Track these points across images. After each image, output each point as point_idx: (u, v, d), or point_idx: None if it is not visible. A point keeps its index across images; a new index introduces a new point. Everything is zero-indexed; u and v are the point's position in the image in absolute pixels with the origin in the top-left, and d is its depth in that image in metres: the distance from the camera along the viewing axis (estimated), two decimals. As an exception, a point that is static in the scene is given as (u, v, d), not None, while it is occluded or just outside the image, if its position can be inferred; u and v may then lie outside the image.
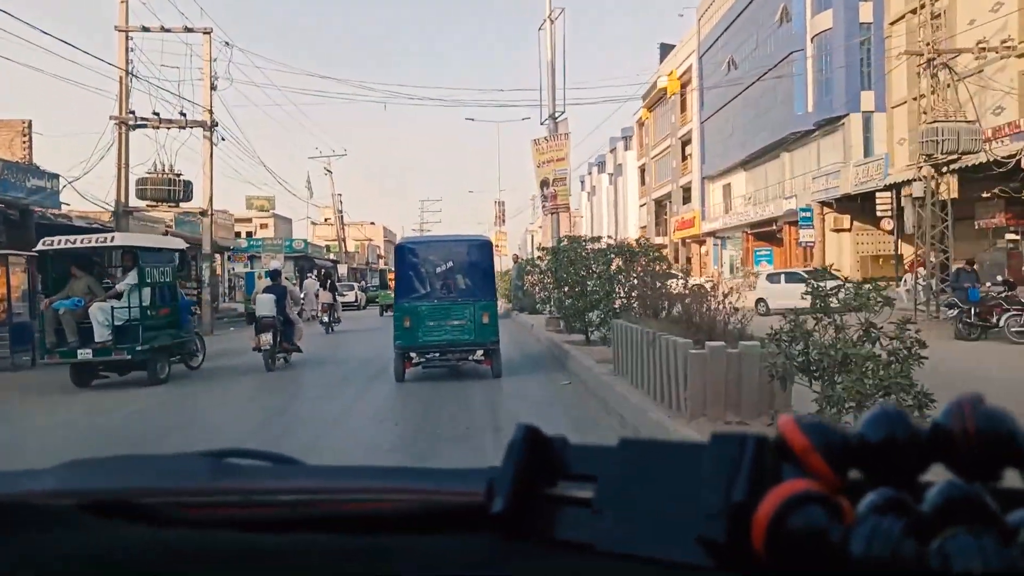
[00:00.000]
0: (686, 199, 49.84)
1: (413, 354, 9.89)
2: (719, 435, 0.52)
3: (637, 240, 14.17)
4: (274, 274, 12.97)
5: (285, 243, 43.42)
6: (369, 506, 0.63)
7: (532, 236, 72.47)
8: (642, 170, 61.26)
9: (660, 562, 0.49)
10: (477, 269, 10.05)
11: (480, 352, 9.98)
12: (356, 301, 36.50)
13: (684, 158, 50.43)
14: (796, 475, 0.48)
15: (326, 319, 20.90)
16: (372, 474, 0.66)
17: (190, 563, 0.65)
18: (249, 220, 56.16)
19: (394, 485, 0.64)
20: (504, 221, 44.75)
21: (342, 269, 44.83)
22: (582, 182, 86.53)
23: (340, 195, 47.54)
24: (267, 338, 11.55)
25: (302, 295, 27.44)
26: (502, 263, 44.37)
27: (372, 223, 79.74)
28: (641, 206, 60.93)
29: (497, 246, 45.52)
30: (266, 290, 12.51)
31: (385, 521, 0.61)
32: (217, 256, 33.89)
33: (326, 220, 72.77)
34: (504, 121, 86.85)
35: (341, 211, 47.14)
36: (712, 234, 45.00)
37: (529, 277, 20.33)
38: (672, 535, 0.49)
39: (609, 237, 16.19)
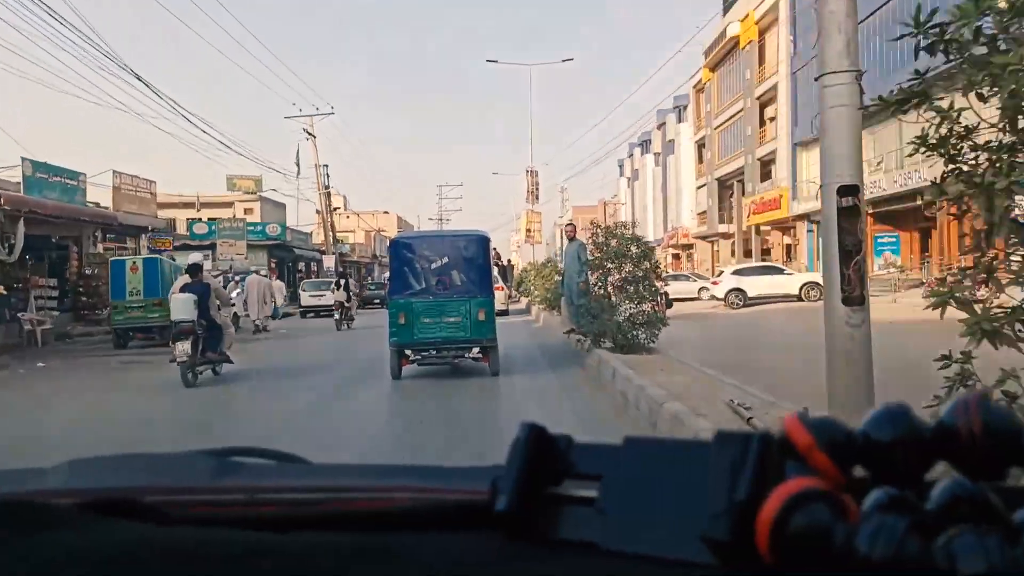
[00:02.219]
0: (766, 175, 38.60)
1: (409, 351, 9.64)
2: (723, 433, 0.52)
3: None
4: (194, 269, 10.19)
5: (249, 227, 32.88)
6: (373, 504, 0.63)
7: (560, 232, 61.07)
8: (700, 146, 49.99)
9: (665, 561, 0.49)
10: (473, 265, 9.79)
11: (476, 349, 9.66)
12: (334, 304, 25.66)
13: (763, 123, 39.09)
14: (800, 473, 0.48)
15: (337, 316, 20.77)
16: (376, 472, 0.66)
17: (194, 562, 0.64)
18: (230, 204, 45.51)
19: (398, 484, 0.64)
20: (538, 198, 33.47)
21: (328, 261, 34.24)
22: (621, 166, 75.58)
23: (327, 166, 36.91)
24: (184, 347, 9.28)
25: (235, 294, 18.70)
26: (535, 253, 33.39)
27: (386, 212, 69.34)
28: (699, 188, 49.68)
29: (529, 231, 35.13)
30: (184, 288, 9.94)
31: (389, 519, 0.62)
32: (129, 240, 23.32)
33: (335, 209, 61.27)
34: (538, 64, 64.53)
35: (328, 187, 36.51)
36: (806, 217, 33.77)
37: (613, 271, 9.66)
38: (677, 534, 0.49)
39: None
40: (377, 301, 36.43)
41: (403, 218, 75.24)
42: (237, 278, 22.03)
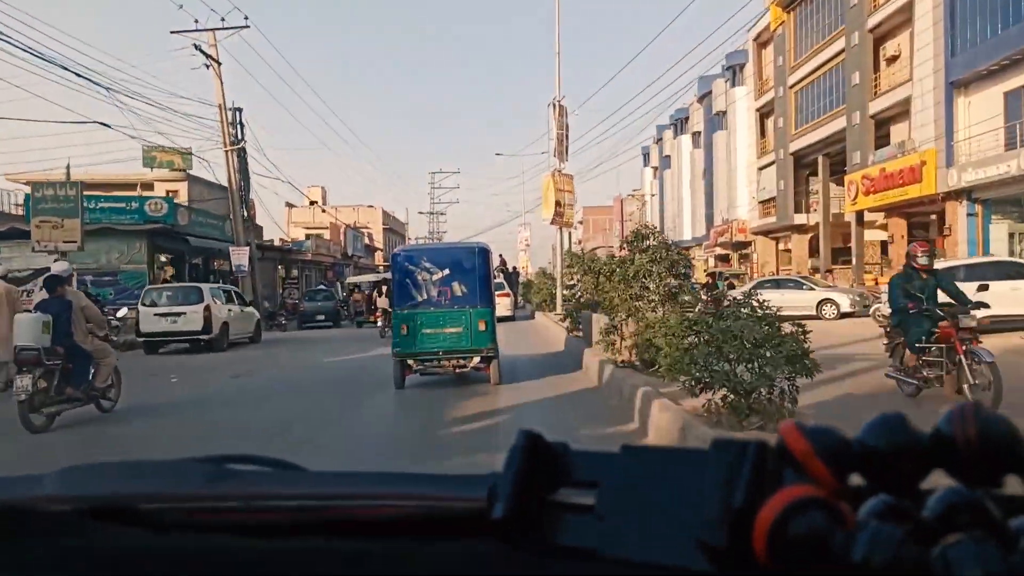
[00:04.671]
0: (882, 139, 26.16)
1: (411, 361, 9.80)
2: (720, 440, 0.52)
3: None
4: (52, 282, 7.81)
5: (114, 203, 20.75)
6: (371, 512, 0.62)
7: (569, 235, 48.53)
8: (763, 114, 37.67)
9: (662, 567, 0.49)
10: (473, 276, 9.95)
11: (478, 359, 9.81)
12: (205, 327, 13.26)
13: (877, 66, 26.50)
14: (797, 480, 0.48)
15: (381, 323, 18.90)
16: (374, 480, 0.66)
17: (190, 568, 0.65)
18: (138, 186, 33.06)
19: (396, 491, 0.64)
20: (566, 154, 20.34)
21: (238, 257, 22.01)
22: (645, 155, 63.30)
23: (240, 110, 24.50)
24: (25, 383, 7.14)
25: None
26: (563, 239, 20.82)
27: (370, 206, 57.34)
28: (762, 168, 37.29)
29: (559, 204, 22.62)
30: (38, 307, 7.77)
31: (387, 527, 0.61)
32: None
33: (311, 203, 47.84)
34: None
35: (241, 139, 24.13)
36: (966, 194, 21.36)
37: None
38: (674, 540, 0.49)
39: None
40: (321, 317, 24.00)
41: (390, 212, 63.18)
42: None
